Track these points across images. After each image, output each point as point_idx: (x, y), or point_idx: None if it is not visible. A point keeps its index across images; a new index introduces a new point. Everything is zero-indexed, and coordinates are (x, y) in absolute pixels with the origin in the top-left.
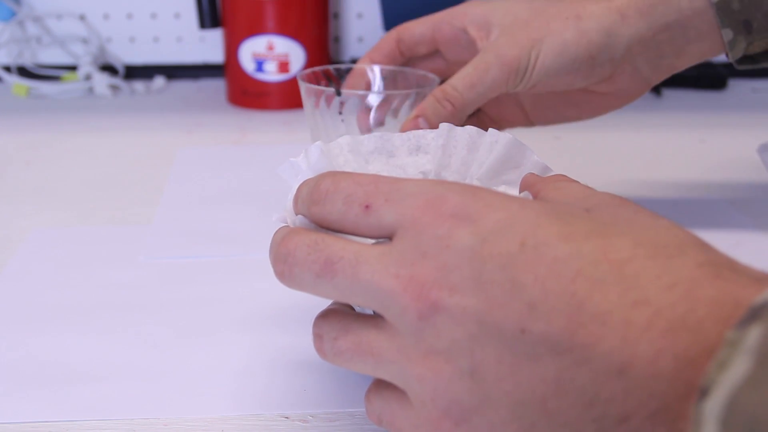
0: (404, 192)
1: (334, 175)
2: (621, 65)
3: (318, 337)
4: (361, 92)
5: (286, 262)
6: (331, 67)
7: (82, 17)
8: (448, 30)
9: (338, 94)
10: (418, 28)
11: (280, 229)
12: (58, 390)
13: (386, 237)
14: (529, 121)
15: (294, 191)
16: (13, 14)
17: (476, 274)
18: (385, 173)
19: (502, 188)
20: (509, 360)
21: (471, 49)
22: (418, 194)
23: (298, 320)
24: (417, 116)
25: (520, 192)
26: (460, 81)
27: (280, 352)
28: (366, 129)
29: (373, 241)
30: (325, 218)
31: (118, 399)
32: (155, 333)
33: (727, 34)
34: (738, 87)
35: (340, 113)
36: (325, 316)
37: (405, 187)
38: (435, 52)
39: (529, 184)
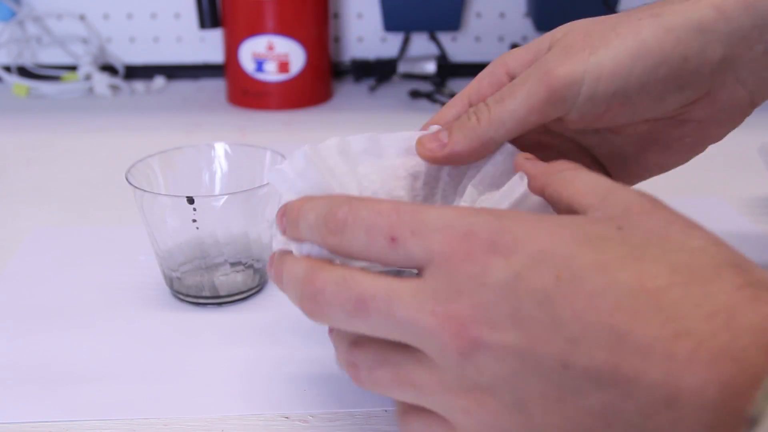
0: (431, 226)
1: (349, 202)
2: (721, 75)
3: (353, 366)
4: (219, 195)
5: (316, 301)
6: (155, 158)
7: (82, 17)
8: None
9: (190, 201)
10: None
11: (296, 261)
12: (58, 390)
13: (414, 267)
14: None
15: (286, 210)
16: (13, 14)
17: (514, 310)
18: (374, 175)
19: (496, 196)
20: (554, 394)
21: None
22: (445, 229)
23: (299, 320)
24: (442, 128)
25: (515, 171)
26: (492, 96)
27: (281, 352)
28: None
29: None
30: (346, 249)
31: (118, 399)
32: (155, 333)
33: None
34: None
35: (195, 221)
36: (359, 344)
37: (430, 220)
38: None
39: (531, 175)
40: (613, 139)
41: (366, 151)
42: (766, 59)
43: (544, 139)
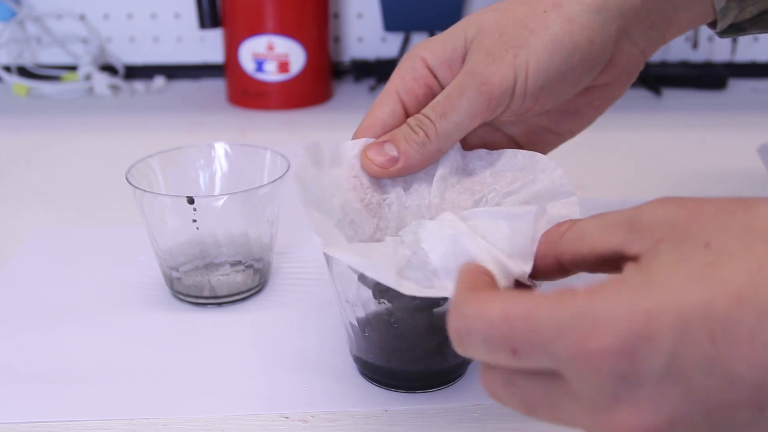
0: (547, 331)
1: (458, 309)
2: (619, 43)
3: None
4: (219, 195)
5: (490, 392)
6: (155, 158)
7: (82, 17)
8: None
9: (190, 201)
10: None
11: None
12: (58, 390)
13: (549, 370)
14: None
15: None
16: (13, 14)
17: (687, 391)
18: (331, 187)
19: (458, 188)
20: (757, 430)
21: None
22: (564, 332)
23: (299, 320)
24: (385, 140)
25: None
26: (431, 109)
27: (280, 352)
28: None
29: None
30: (474, 357)
31: (118, 399)
32: (155, 333)
33: (719, 0)
34: (738, 87)
35: (195, 221)
36: (512, 384)
37: (544, 325)
38: None
39: (540, 256)
40: (529, 119)
41: (313, 163)
42: (650, 20)
43: None
